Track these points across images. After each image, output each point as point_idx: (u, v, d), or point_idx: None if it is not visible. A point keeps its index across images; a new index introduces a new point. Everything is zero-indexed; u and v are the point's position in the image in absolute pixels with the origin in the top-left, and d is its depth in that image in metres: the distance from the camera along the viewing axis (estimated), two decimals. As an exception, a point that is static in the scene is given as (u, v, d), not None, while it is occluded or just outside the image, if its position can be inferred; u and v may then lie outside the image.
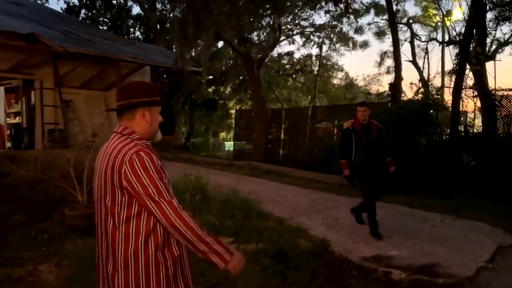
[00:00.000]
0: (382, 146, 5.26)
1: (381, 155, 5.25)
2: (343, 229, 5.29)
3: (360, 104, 5.34)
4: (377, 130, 5.23)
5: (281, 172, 9.60)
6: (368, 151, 5.09)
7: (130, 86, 1.89)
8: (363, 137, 5.08)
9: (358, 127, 5.14)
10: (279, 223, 5.22)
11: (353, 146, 5.10)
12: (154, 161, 1.69)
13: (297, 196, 7.08)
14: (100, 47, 13.05)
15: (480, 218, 6.35)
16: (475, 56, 11.23)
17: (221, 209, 5.19)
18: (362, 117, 5.17)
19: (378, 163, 5.20)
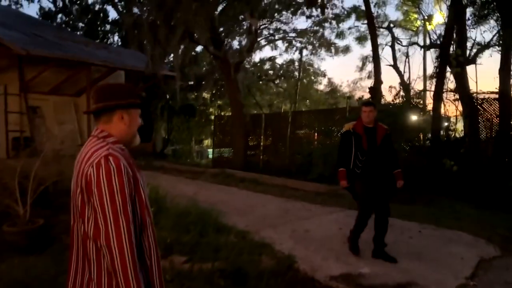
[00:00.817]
0: (388, 155, 4.42)
1: (386, 165, 4.41)
2: (312, 242, 4.81)
3: (365, 104, 4.53)
4: (384, 135, 4.40)
5: (256, 179, 9.12)
6: (369, 159, 4.32)
7: (108, 88, 1.82)
8: (364, 143, 4.32)
9: (360, 130, 4.39)
10: (242, 237, 4.72)
11: (352, 152, 4.37)
12: (121, 171, 1.58)
13: (268, 206, 6.60)
14: (68, 50, 12.46)
15: (461, 226, 5.96)
16: (456, 58, 10.95)
17: (177, 222, 4.66)
18: (367, 119, 4.37)
19: (382, 175, 4.36)
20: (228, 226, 4.92)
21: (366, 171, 4.33)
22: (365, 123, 4.42)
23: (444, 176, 9.70)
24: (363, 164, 4.33)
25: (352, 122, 4.57)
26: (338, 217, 6.03)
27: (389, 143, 4.48)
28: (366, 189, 4.32)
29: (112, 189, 1.56)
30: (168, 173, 9.62)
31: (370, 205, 4.35)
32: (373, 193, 4.30)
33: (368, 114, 4.36)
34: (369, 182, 4.31)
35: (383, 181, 4.34)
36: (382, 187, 4.33)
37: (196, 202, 5.61)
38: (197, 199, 6.79)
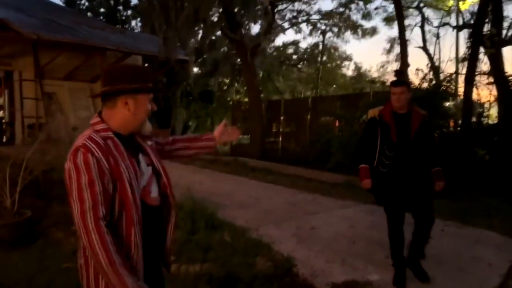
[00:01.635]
0: (426, 148, 3.43)
1: (422, 162, 3.41)
2: (317, 242, 4.30)
3: (394, 83, 3.47)
4: (420, 123, 3.37)
5: (269, 168, 8.64)
6: (398, 156, 3.36)
7: (114, 70, 1.72)
8: (393, 134, 3.34)
9: (388, 118, 3.38)
10: (239, 235, 4.26)
11: (378, 146, 3.44)
12: (89, 166, 1.53)
13: (275, 198, 6.12)
14: (81, 35, 12.20)
15: (490, 225, 5.31)
16: (490, 38, 10.03)
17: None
18: (397, 103, 3.35)
19: (416, 175, 3.39)
20: (225, 222, 4.48)
21: (394, 170, 3.38)
22: (395, 109, 3.40)
23: (474, 166, 8.95)
24: (390, 162, 3.38)
25: (379, 107, 3.56)
26: (351, 212, 5.48)
27: (427, 133, 3.45)
28: (393, 194, 3.42)
29: (79, 186, 1.51)
30: (179, 161, 9.24)
31: (397, 213, 3.45)
32: (403, 198, 3.43)
33: (399, 97, 3.33)
34: (398, 185, 3.40)
35: (417, 182, 3.40)
36: (419, 189, 3.40)
37: (196, 193, 5.19)
38: (201, 189, 6.39)
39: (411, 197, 3.42)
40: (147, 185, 1.75)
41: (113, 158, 1.58)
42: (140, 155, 1.75)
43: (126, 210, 1.59)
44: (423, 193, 3.43)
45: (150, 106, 1.75)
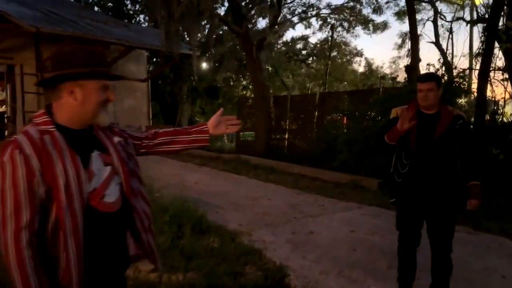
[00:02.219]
0: (460, 156, 2.83)
1: (450, 173, 2.81)
2: (313, 249, 3.98)
3: (421, 78, 2.92)
4: (449, 126, 2.77)
5: (272, 167, 8.32)
6: (415, 164, 2.82)
7: (61, 54, 1.48)
8: (412, 138, 2.80)
9: (412, 117, 2.79)
10: (229, 240, 3.95)
11: (395, 151, 2.96)
12: (15, 165, 1.32)
13: (274, 199, 5.79)
14: (83, 28, 11.97)
15: (504, 230, 4.94)
16: (505, 32, 9.55)
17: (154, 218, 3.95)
18: (424, 101, 2.80)
19: (436, 189, 2.79)
20: (215, 226, 4.16)
21: (410, 181, 2.84)
22: (421, 108, 2.85)
23: (489, 167, 8.51)
24: (406, 171, 2.84)
25: (403, 106, 2.99)
26: (354, 215, 5.14)
27: (462, 139, 2.82)
28: (406, 210, 2.91)
29: (2, 187, 1.33)
30: (177, 158, 8.99)
31: (410, 234, 2.94)
32: (419, 216, 2.88)
33: (426, 94, 2.76)
34: (413, 199, 2.86)
35: (439, 198, 2.80)
36: (439, 209, 2.81)
37: (190, 193, 4.93)
38: (196, 189, 6.11)
39: (429, 216, 2.88)
40: (100, 188, 1.47)
41: (47, 156, 1.35)
42: (96, 153, 1.48)
43: (59, 218, 1.34)
44: (443, 214, 2.82)
45: (106, 96, 1.52)
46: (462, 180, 2.82)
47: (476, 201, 2.80)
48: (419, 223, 2.91)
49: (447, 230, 2.87)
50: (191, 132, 1.79)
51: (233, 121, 1.87)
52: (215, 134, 1.84)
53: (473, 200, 2.80)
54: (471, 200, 2.80)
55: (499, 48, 10.31)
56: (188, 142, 1.79)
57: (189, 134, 1.79)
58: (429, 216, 2.86)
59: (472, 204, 2.81)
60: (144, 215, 1.62)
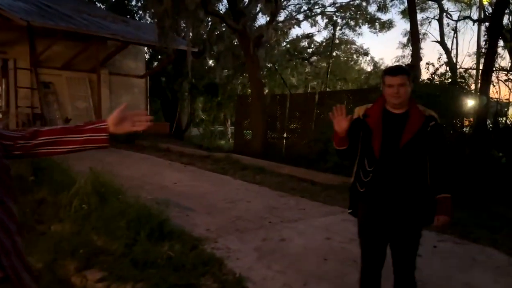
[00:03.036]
0: (430, 164, 2.45)
1: (419, 183, 2.45)
2: (281, 258, 3.70)
3: (390, 71, 2.50)
4: (420, 129, 2.40)
5: (262, 167, 8.03)
6: (381, 172, 2.45)
7: None
8: (376, 141, 2.44)
9: (375, 119, 2.47)
10: (192, 246, 3.69)
11: (357, 156, 2.58)
12: None
13: (254, 202, 5.52)
14: (78, 23, 11.80)
15: (495, 240, 4.60)
16: (510, 31, 9.19)
17: (108, 223, 3.70)
18: (394, 98, 2.41)
19: (407, 200, 2.44)
20: (179, 231, 3.90)
21: (374, 192, 2.48)
22: (389, 106, 2.48)
23: (489, 171, 8.15)
24: (370, 179, 2.47)
25: (367, 105, 2.60)
26: (333, 221, 4.85)
27: (435, 143, 2.44)
28: (371, 225, 2.55)
29: None
30: (165, 156, 8.76)
31: (373, 250, 2.59)
32: (383, 232, 2.52)
33: (398, 90, 2.38)
34: (377, 213, 2.50)
35: (408, 212, 2.45)
36: (405, 223, 2.48)
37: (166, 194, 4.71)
38: (173, 190, 5.88)
39: (393, 231, 2.51)
40: None
41: None
42: None
43: None
44: (409, 229, 2.48)
45: None
46: (432, 191, 2.47)
47: (445, 217, 2.41)
48: (384, 239, 2.56)
49: (412, 247, 2.55)
50: (85, 131, 1.51)
51: (142, 117, 1.60)
52: (116, 133, 1.57)
53: (442, 216, 2.40)
54: (440, 216, 2.41)
55: (503, 47, 9.99)
56: (80, 142, 1.51)
57: (81, 133, 1.51)
58: (394, 231, 2.52)
59: (440, 220, 2.41)
60: (2, 233, 1.34)
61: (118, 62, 14.19)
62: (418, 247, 2.58)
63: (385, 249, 2.59)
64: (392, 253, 2.59)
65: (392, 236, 2.54)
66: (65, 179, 4.75)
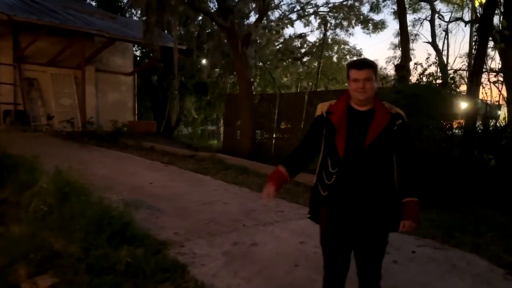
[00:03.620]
0: (396, 164, 2.29)
1: (386, 185, 2.29)
2: (250, 264, 3.51)
3: (356, 65, 2.29)
4: (386, 127, 2.24)
5: (246, 167, 7.82)
6: (345, 173, 2.27)
7: None
8: (340, 140, 2.25)
9: (338, 116, 2.29)
10: (155, 251, 3.49)
11: (320, 157, 2.40)
12: None
13: (230, 204, 5.32)
14: (63, 18, 11.56)
15: (477, 245, 4.43)
16: (500, 32, 9.03)
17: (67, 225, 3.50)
18: (361, 94, 2.23)
19: (372, 204, 2.28)
20: (143, 234, 3.70)
21: (337, 195, 2.30)
22: (354, 103, 2.31)
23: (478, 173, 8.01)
24: (333, 181, 2.29)
25: (331, 101, 2.43)
26: (311, 224, 4.61)
27: (401, 143, 2.28)
28: (333, 230, 2.37)
29: None
30: (147, 155, 8.54)
31: (336, 258, 2.41)
32: (348, 238, 2.35)
33: (364, 85, 2.20)
34: (341, 218, 2.33)
35: (374, 217, 2.29)
36: (371, 229, 2.31)
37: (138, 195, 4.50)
38: (148, 190, 5.67)
39: (358, 237, 2.34)
40: None
41: None
42: None
43: None
44: (375, 235, 2.33)
45: None
46: (399, 194, 2.30)
47: (411, 222, 2.25)
48: (349, 246, 2.38)
49: (377, 254, 2.39)
50: None
51: None
52: None
53: (408, 222, 2.25)
54: (405, 221, 2.25)
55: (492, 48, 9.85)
56: None
57: None
58: (358, 237, 2.34)
59: (406, 226, 2.26)
60: None
61: (105, 59, 13.97)
62: (384, 255, 2.42)
63: (349, 257, 2.42)
64: (357, 261, 2.42)
65: (357, 243, 2.37)
66: (31, 178, 4.54)
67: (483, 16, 9.46)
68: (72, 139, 10.02)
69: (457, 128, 9.34)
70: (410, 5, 18.75)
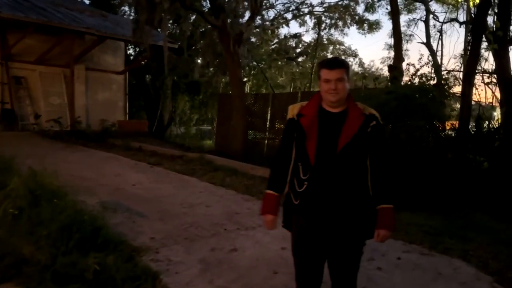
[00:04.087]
0: (371, 169, 2.16)
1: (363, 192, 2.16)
2: (227, 271, 3.36)
3: (328, 64, 2.15)
4: (359, 129, 2.10)
5: (235, 168, 7.67)
6: (316, 181, 2.12)
7: None
8: (311, 145, 2.11)
9: (309, 119, 2.16)
10: (128, 257, 3.34)
11: (291, 162, 2.23)
12: None
13: (214, 207, 5.17)
14: (50, 16, 11.36)
15: (465, 251, 4.31)
16: (493, 32, 8.92)
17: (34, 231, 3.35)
18: (333, 96, 2.10)
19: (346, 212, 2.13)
20: (117, 240, 3.55)
21: (311, 203, 2.15)
22: (326, 104, 2.17)
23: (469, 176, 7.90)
24: (305, 189, 2.15)
25: (302, 102, 2.31)
26: (294, 229, 4.52)
27: (374, 144, 2.15)
28: (305, 240, 2.23)
29: None
30: (134, 156, 8.36)
31: (309, 269, 2.26)
32: (320, 248, 2.21)
33: (336, 86, 2.07)
34: (314, 226, 2.17)
35: (347, 226, 2.15)
36: (344, 239, 2.17)
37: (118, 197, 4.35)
38: (130, 192, 5.52)
39: (332, 247, 2.21)
40: None
41: None
42: None
43: None
44: (349, 245, 2.19)
45: None
46: (373, 200, 2.18)
47: (386, 232, 2.14)
48: (321, 257, 2.24)
49: (352, 265, 2.25)
50: None
51: None
52: None
53: (382, 231, 2.13)
54: (380, 230, 2.13)
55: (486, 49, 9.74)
56: None
57: None
58: (332, 247, 2.21)
59: (381, 235, 2.14)
60: None
61: (96, 57, 13.79)
62: (359, 265, 2.29)
63: (322, 268, 2.28)
64: (331, 272, 2.28)
65: (330, 254, 2.24)
66: (3, 180, 4.37)
67: (476, 16, 9.35)
68: (58, 139, 9.84)
69: (450, 129, 9.25)
70: (405, 6, 18.67)
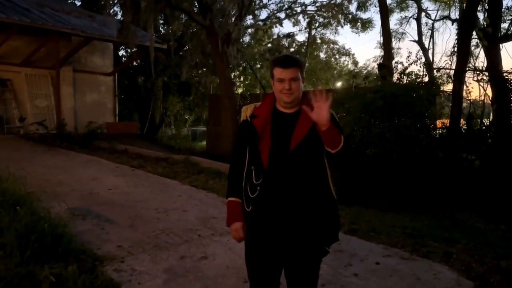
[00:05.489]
0: (327, 167, 2.02)
1: (321, 196, 2.01)
2: (194, 281, 3.20)
3: (282, 62, 1.96)
4: (312, 126, 1.92)
5: (220, 171, 7.51)
6: (269, 185, 1.99)
7: None
8: (264, 147, 1.99)
9: (263, 120, 2.01)
10: (89, 268, 3.17)
11: (245, 166, 2.08)
12: None
13: (191, 211, 5.00)
14: (34, 17, 11.17)
15: (448, 254, 4.16)
16: (482, 29, 8.80)
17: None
18: (287, 96, 1.95)
19: (306, 220, 1.99)
20: (80, 248, 3.37)
21: (263, 209, 2.02)
22: (280, 105, 2.03)
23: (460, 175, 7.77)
24: (258, 194, 2.01)
25: (254, 103, 2.14)
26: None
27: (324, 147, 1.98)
28: (258, 249, 2.07)
29: None
30: (117, 159, 8.15)
31: (263, 281, 2.10)
32: (275, 259, 2.06)
33: (290, 86, 1.92)
34: (268, 234, 2.02)
35: (303, 232, 1.99)
36: (301, 247, 2.01)
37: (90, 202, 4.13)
38: (104, 197, 5.34)
39: (287, 258, 2.05)
40: None
41: None
42: None
43: None
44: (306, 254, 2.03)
45: None
46: (335, 204, 2.04)
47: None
48: (277, 267, 2.09)
49: (311, 275, 2.08)
50: None
51: None
52: None
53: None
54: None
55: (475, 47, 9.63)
56: None
57: None
58: (288, 256, 2.05)
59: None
60: None
61: (84, 59, 13.59)
62: (318, 274, 2.12)
63: (278, 279, 2.12)
64: (288, 283, 2.13)
65: (286, 263, 2.08)
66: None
67: (465, 12, 9.22)
68: (42, 142, 9.65)
69: (441, 128, 9.13)
70: (398, 4, 18.56)
